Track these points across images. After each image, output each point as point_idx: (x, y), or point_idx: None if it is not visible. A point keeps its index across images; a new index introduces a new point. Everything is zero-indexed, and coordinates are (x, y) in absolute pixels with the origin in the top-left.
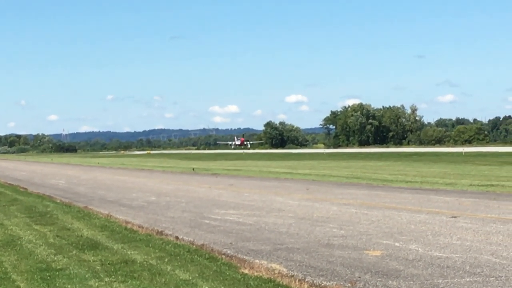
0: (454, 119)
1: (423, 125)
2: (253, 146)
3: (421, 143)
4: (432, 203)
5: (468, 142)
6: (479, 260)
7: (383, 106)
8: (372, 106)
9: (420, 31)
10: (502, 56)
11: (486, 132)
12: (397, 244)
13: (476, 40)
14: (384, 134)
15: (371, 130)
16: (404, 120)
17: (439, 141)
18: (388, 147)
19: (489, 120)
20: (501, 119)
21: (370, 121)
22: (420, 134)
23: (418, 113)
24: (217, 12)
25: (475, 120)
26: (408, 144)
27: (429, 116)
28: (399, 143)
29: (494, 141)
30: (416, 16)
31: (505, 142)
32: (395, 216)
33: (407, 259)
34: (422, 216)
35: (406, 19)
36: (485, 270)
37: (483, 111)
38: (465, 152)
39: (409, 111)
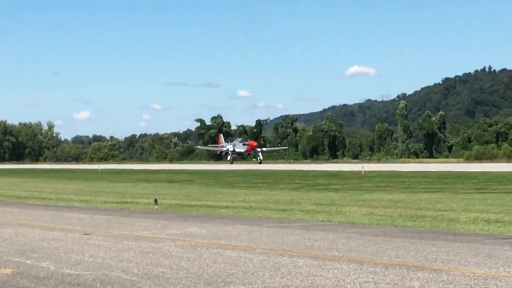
0: (91, 136)
1: (60, 141)
2: (265, 155)
3: (58, 159)
4: (66, 220)
5: (104, 159)
6: (110, 277)
7: (20, 123)
8: (8, 122)
9: (56, 47)
10: (140, 73)
11: (122, 150)
12: (28, 261)
13: (101, 56)
14: (21, 150)
15: (8, 146)
16: (41, 136)
17: (76, 158)
18: (24, 163)
19: (125, 138)
20: (137, 137)
21: (7, 137)
22: (56, 151)
23: (55, 129)
24: None
25: (111, 137)
26: (45, 160)
27: (66, 133)
28: (36, 160)
29: (130, 159)
30: (53, 31)
31: (140, 160)
32: (28, 233)
33: (38, 276)
34: (55, 233)
35: (41, 35)
36: (115, 286)
37: (119, 129)
38: (101, 169)
39: (46, 127)
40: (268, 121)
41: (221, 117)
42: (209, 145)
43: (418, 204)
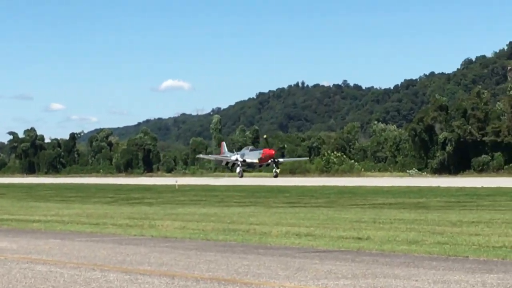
0: None
1: None
2: (281, 166)
3: None
4: None
5: None
6: None
7: None
8: None
9: None
10: None
11: None
12: None
13: None
14: None
15: None
16: None
17: None
18: None
19: None
20: None
21: None
22: None
23: None
24: None
25: None
26: None
27: None
28: None
29: None
30: None
31: None
32: None
33: None
34: None
35: None
36: None
37: None
38: None
39: None
40: (82, 134)
41: (34, 130)
42: (210, 155)
43: (231, 218)
